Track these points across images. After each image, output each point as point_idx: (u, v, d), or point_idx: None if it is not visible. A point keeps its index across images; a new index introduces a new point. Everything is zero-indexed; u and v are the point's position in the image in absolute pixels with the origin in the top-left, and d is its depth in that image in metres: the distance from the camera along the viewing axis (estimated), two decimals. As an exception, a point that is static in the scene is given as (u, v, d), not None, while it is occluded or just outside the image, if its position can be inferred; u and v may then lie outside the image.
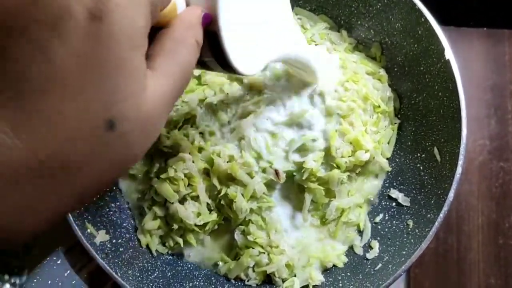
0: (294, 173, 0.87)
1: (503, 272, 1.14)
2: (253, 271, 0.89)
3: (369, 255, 0.90)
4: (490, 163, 1.19)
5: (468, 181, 1.18)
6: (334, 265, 0.91)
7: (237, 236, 0.89)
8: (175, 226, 0.88)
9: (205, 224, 0.88)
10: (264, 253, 0.88)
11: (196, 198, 0.87)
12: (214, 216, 0.87)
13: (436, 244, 1.15)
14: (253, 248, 0.88)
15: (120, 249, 0.87)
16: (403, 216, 0.90)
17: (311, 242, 0.91)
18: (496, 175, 1.19)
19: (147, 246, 0.91)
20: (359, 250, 0.93)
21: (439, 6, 1.27)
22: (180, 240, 0.89)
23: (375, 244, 0.91)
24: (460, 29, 1.27)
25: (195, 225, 0.87)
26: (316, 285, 0.89)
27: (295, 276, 0.88)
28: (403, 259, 0.82)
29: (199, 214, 0.88)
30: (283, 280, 0.88)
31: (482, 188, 1.18)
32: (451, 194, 0.80)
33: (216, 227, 0.90)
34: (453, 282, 1.13)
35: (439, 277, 1.14)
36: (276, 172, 0.84)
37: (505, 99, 1.23)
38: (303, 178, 0.85)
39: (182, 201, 0.87)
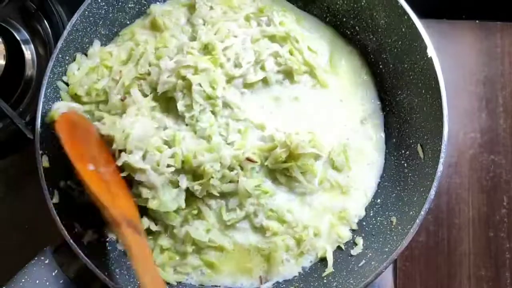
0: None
1: (493, 264, 1.15)
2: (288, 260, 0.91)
3: (354, 252, 0.92)
4: (481, 156, 1.19)
5: (458, 174, 1.19)
6: (321, 259, 0.93)
7: (252, 238, 0.92)
8: (189, 249, 0.89)
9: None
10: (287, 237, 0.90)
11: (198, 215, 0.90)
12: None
13: (426, 237, 1.16)
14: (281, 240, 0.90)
15: (108, 248, 0.89)
16: (387, 213, 0.91)
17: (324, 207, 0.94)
18: (487, 168, 1.19)
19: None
20: (344, 247, 0.94)
21: (431, -1, 1.28)
22: (200, 263, 0.91)
23: (360, 241, 0.93)
24: (452, 21, 1.27)
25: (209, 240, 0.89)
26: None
27: None
28: (385, 256, 0.83)
29: (208, 230, 0.90)
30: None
31: (472, 181, 1.19)
32: (432, 192, 0.81)
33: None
34: (443, 274, 1.15)
35: (430, 270, 1.15)
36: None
37: (496, 92, 1.23)
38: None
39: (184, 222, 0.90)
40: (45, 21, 1.05)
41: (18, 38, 1.05)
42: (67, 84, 0.93)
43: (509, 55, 1.24)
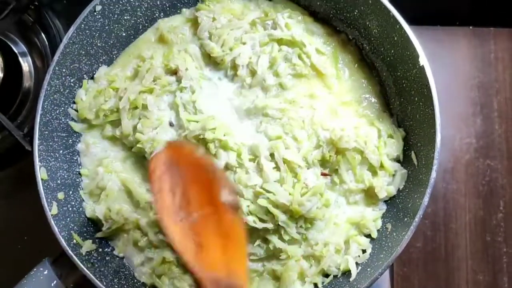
0: None
1: (490, 269, 1.15)
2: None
3: (358, 260, 0.92)
4: (477, 161, 1.20)
5: (455, 179, 1.19)
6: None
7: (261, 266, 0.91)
8: None
9: None
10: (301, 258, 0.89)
11: None
12: None
13: (424, 242, 1.16)
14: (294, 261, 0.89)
15: (107, 258, 0.90)
16: (382, 219, 0.92)
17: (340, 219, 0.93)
18: (483, 173, 1.20)
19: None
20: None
21: (425, 5, 1.29)
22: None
23: (368, 249, 0.93)
24: (446, 28, 1.28)
25: None
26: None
27: None
28: (380, 262, 0.84)
29: None
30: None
31: (469, 186, 1.19)
32: (426, 199, 0.82)
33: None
34: (441, 279, 1.15)
35: (428, 275, 1.15)
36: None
37: (491, 97, 1.24)
38: None
39: None
40: (42, 33, 1.06)
41: (16, 51, 1.06)
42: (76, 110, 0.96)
43: (503, 60, 1.25)
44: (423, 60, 0.85)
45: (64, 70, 0.92)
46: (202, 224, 0.70)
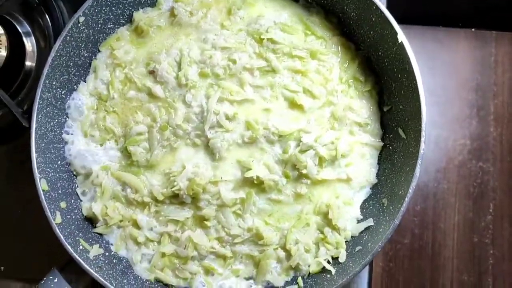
0: None
1: (476, 270, 1.17)
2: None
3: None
4: (470, 163, 1.21)
5: (446, 179, 1.21)
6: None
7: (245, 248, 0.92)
8: (192, 253, 0.90)
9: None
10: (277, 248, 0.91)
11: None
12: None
13: (411, 240, 1.18)
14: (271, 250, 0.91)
15: (114, 261, 0.92)
16: (378, 195, 0.94)
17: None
18: (475, 174, 1.21)
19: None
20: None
21: (427, 6, 1.30)
22: (200, 270, 0.92)
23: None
24: (448, 29, 1.29)
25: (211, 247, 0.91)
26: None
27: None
28: (380, 235, 0.85)
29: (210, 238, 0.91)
30: (333, 258, 0.91)
31: (460, 187, 1.21)
32: (417, 170, 0.83)
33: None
34: (426, 277, 1.17)
35: (413, 272, 1.17)
36: None
37: (488, 100, 1.24)
38: None
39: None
40: (46, 15, 1.08)
41: (20, 30, 1.08)
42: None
43: (503, 64, 1.26)
44: (401, 37, 0.87)
45: (54, 82, 0.93)
46: None
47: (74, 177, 0.96)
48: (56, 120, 0.95)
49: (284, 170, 0.91)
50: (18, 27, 1.09)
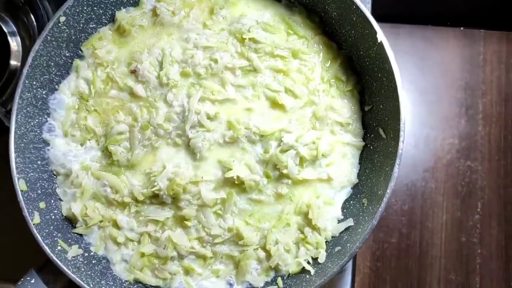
0: None
1: (463, 269, 1.16)
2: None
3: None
4: (458, 162, 1.21)
5: (434, 178, 1.20)
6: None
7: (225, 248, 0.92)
8: (172, 253, 0.90)
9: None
10: (257, 249, 0.91)
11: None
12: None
13: (399, 239, 1.18)
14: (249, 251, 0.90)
15: (93, 261, 0.91)
16: (359, 195, 0.94)
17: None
18: (463, 173, 1.21)
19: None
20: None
21: (416, 5, 1.29)
22: (180, 270, 0.92)
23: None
24: (437, 28, 1.28)
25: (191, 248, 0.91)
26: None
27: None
28: (358, 236, 0.85)
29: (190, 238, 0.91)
30: (313, 258, 0.91)
31: (448, 186, 1.20)
32: (395, 169, 0.83)
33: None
34: (413, 276, 1.17)
35: (400, 271, 1.17)
36: None
37: (476, 99, 1.24)
38: None
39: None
40: (31, 14, 1.08)
41: (5, 30, 1.08)
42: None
43: (491, 63, 1.26)
44: (381, 36, 0.87)
45: (34, 82, 0.92)
46: None
47: (55, 177, 0.96)
48: (37, 120, 0.94)
49: (265, 170, 0.90)
50: (3, 27, 1.09)
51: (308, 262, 0.89)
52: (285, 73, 0.94)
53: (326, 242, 0.91)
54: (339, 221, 0.93)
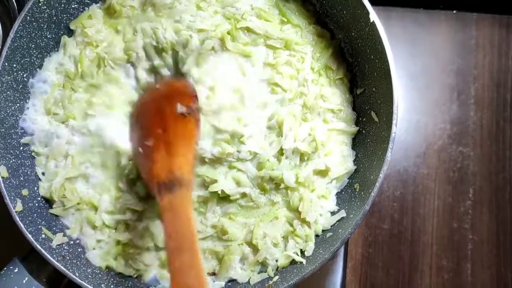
0: None
1: (455, 255, 1.16)
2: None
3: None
4: (450, 147, 1.20)
5: (426, 164, 1.19)
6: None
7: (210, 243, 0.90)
8: (148, 243, 0.88)
9: None
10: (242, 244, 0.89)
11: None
12: None
13: (391, 225, 1.17)
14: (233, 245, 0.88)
15: (79, 249, 0.89)
16: (350, 180, 0.93)
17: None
18: (455, 159, 1.20)
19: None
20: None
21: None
22: (156, 262, 0.89)
23: None
24: (429, 11, 1.27)
25: None
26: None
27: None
28: (350, 222, 0.84)
29: None
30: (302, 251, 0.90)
31: (440, 171, 1.19)
32: (388, 154, 0.82)
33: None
34: (405, 262, 1.16)
35: (392, 257, 1.16)
36: None
37: (468, 84, 1.23)
38: None
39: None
40: (11, -3, 1.05)
41: (-15, 13, 1.06)
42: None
43: (484, 47, 1.24)
44: (373, 16, 0.85)
45: (15, 65, 0.89)
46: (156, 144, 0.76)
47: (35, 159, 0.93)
48: (18, 105, 0.91)
49: (261, 182, 0.88)
50: (-17, 10, 1.07)
51: (297, 255, 0.88)
52: (274, 66, 0.92)
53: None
54: (332, 214, 0.91)
